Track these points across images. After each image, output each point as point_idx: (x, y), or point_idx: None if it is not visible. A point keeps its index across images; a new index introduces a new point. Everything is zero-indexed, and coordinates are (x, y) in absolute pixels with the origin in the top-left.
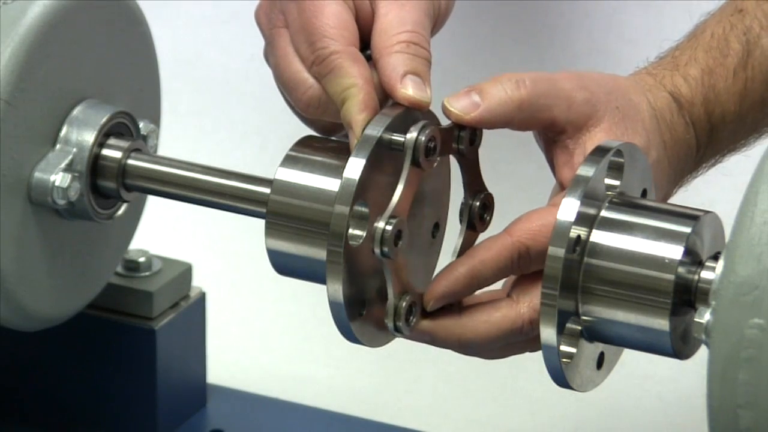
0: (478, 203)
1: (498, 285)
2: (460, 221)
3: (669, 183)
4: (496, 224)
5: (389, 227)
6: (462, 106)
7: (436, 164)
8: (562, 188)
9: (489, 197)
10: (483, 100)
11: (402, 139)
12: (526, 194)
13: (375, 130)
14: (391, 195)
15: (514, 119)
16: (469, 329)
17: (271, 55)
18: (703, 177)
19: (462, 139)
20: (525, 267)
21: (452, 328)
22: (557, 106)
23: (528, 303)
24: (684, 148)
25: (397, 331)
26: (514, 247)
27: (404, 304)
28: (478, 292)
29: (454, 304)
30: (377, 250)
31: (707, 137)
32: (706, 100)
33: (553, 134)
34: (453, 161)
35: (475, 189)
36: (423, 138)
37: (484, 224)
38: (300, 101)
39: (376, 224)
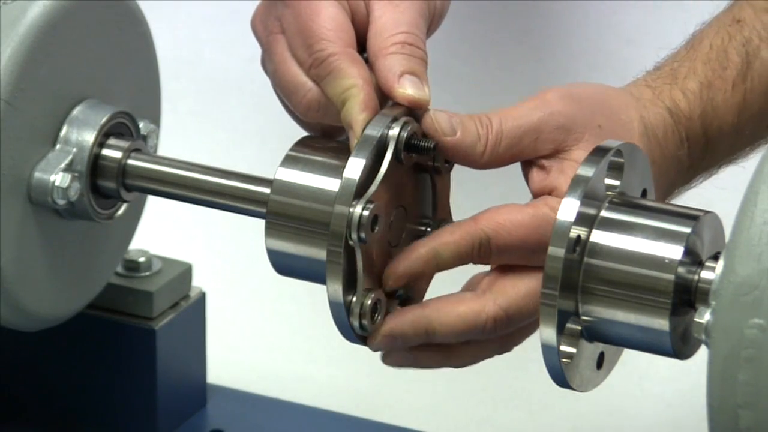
0: None
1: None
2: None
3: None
4: None
5: (366, 212)
6: (445, 124)
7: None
8: None
9: None
10: (460, 130)
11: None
12: (526, 195)
13: (375, 130)
14: (391, 194)
15: (478, 162)
16: (434, 319)
17: (268, 61)
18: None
19: (438, 157)
20: (485, 257)
21: (418, 319)
22: (523, 141)
23: (493, 300)
24: (674, 165)
25: (362, 329)
26: (476, 234)
27: (369, 302)
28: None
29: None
30: (354, 236)
31: (702, 152)
32: (703, 114)
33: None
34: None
35: (441, 217)
36: (404, 134)
37: None
38: (300, 105)
39: (352, 209)
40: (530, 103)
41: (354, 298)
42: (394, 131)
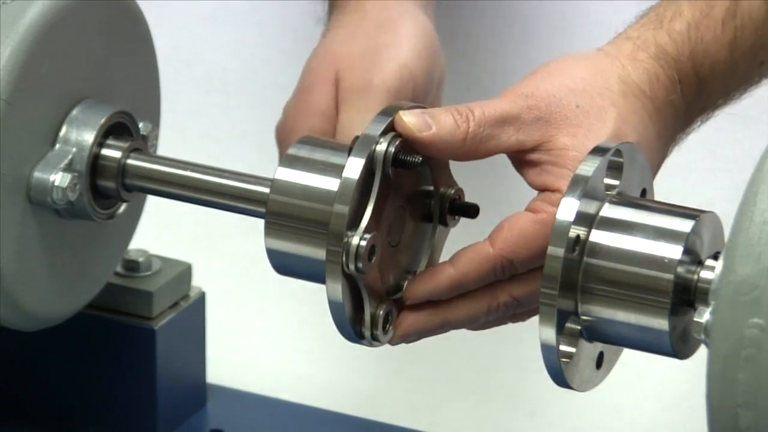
0: (448, 202)
1: None
2: (431, 218)
3: (660, 152)
4: (497, 222)
5: (363, 243)
6: (416, 121)
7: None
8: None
9: (460, 192)
10: (434, 124)
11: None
12: (526, 192)
13: (375, 130)
14: (386, 207)
15: (460, 150)
16: (450, 315)
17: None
18: (703, 177)
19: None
20: (509, 274)
21: (433, 318)
22: (505, 132)
23: (509, 290)
24: (671, 111)
25: (374, 339)
26: (497, 260)
27: (381, 312)
28: None
29: None
30: (351, 266)
31: (696, 92)
32: (693, 55)
33: (515, 154)
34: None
35: (447, 185)
36: (392, 149)
37: (455, 221)
38: None
39: (349, 240)
40: (506, 97)
41: (364, 314)
42: (381, 147)
